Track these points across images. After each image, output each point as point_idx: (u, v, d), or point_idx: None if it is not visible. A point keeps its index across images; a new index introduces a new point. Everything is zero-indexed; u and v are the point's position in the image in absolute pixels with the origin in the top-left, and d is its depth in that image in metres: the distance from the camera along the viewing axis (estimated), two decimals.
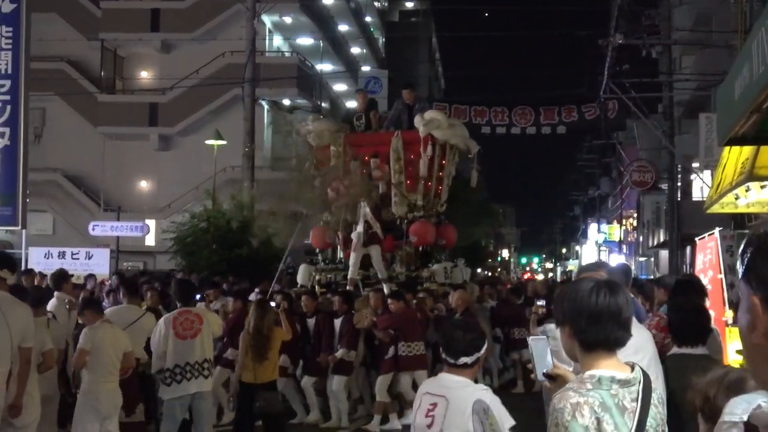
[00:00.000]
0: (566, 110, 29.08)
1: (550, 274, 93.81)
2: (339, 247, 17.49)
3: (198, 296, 13.91)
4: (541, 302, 11.84)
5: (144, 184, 41.54)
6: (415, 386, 12.99)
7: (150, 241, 36.58)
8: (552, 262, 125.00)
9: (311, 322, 13.89)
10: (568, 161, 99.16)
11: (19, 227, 17.88)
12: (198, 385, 9.86)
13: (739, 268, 1.82)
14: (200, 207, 26.90)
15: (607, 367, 3.19)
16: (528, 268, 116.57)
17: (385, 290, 14.71)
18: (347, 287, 15.53)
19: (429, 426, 4.91)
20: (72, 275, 16.85)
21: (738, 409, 1.86)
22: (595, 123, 29.98)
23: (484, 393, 5.03)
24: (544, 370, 3.61)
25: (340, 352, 13.27)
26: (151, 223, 35.08)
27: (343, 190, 16.00)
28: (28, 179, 17.66)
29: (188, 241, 25.44)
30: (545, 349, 3.68)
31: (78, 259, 25.55)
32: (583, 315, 3.24)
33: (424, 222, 16.76)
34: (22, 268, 21.73)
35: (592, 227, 71.42)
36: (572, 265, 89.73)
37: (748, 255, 1.78)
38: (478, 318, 13.69)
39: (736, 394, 2.04)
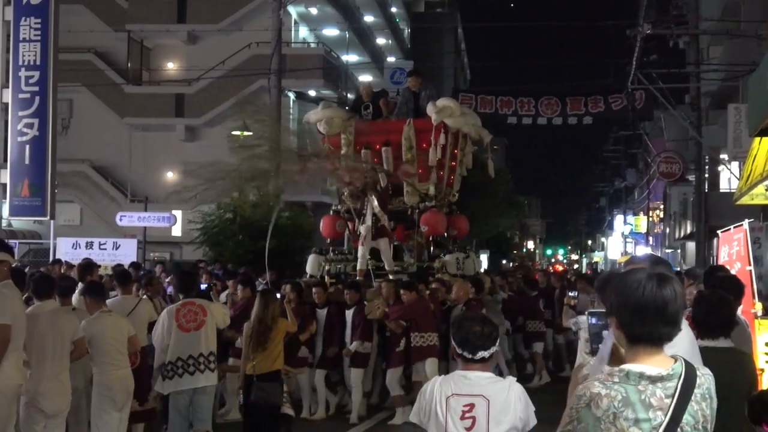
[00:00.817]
0: (593, 100, 28.96)
1: (576, 266, 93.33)
2: (348, 237, 17.26)
3: (205, 286, 13.83)
4: (573, 293, 11.79)
5: (170, 175, 41.71)
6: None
7: (176, 231, 36.71)
8: (578, 254, 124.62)
9: (322, 313, 13.64)
10: (594, 152, 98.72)
11: (48, 218, 18.06)
12: (200, 380, 9.61)
13: None
14: (227, 198, 26.95)
15: (648, 362, 3.13)
16: (553, 260, 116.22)
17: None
18: (357, 278, 15.28)
19: (470, 428, 4.83)
20: (99, 265, 17.01)
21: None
22: (622, 113, 29.84)
23: (517, 384, 5.03)
24: (597, 346, 3.57)
25: (354, 345, 13.16)
26: (178, 213, 35.17)
27: (350, 179, 15.69)
28: (56, 170, 17.81)
29: (215, 231, 25.50)
30: (603, 326, 3.63)
31: (105, 249, 25.68)
32: (629, 308, 3.16)
33: (435, 212, 16.32)
34: (50, 258, 21.95)
35: (618, 219, 71.17)
36: (598, 257, 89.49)
37: None
38: (490, 310, 13.50)
39: None
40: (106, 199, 40.37)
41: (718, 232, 11.99)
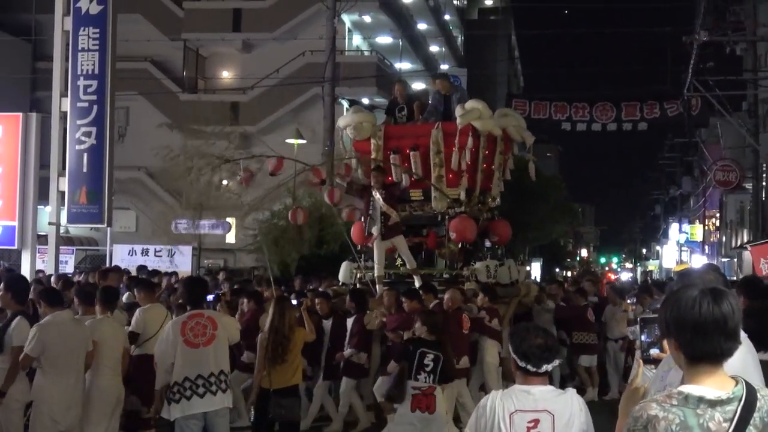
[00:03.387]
0: (648, 106, 28.80)
1: (630, 275, 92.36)
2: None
3: (213, 296, 12.85)
4: (630, 300, 11.45)
5: (225, 183, 42.00)
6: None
7: (231, 238, 36.97)
8: (632, 262, 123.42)
9: (328, 324, 13.02)
10: (649, 159, 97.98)
11: (105, 225, 18.25)
12: (213, 402, 8.45)
13: None
14: (280, 205, 27.12)
15: (709, 383, 3.06)
16: (607, 268, 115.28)
17: (417, 284, 13.89)
18: (375, 285, 14.53)
19: None
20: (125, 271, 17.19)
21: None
22: (677, 120, 29.61)
23: (578, 396, 4.96)
24: (650, 352, 3.52)
25: (347, 351, 12.49)
26: (232, 220, 35.41)
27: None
28: (113, 178, 18.03)
29: (269, 238, 25.65)
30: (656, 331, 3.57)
31: (161, 256, 26.02)
32: (688, 327, 3.07)
33: (464, 218, 15.36)
34: (107, 264, 22.24)
35: (674, 227, 70.38)
36: (652, 265, 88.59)
37: None
38: (537, 320, 12.71)
39: None
40: (161, 205, 40.80)
41: (747, 245, 11.79)
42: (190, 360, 8.40)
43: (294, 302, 11.43)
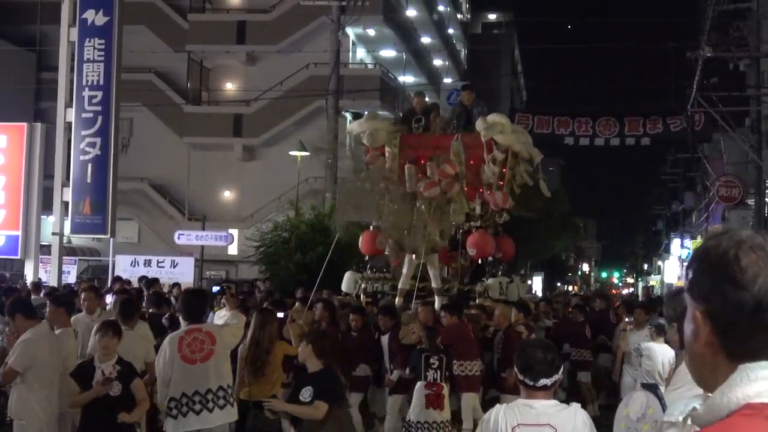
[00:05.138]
0: (651, 121, 28.84)
1: (632, 290, 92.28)
2: (389, 255, 15.74)
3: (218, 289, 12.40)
4: (628, 318, 11.56)
5: (228, 194, 42.05)
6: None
7: (233, 250, 37.00)
8: (633, 277, 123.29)
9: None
10: (651, 175, 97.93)
11: (108, 235, 18.26)
12: (209, 419, 8.20)
13: (684, 282, 1.93)
14: (283, 217, 27.13)
15: None
16: (608, 284, 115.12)
17: (437, 303, 13.50)
18: (396, 298, 14.34)
19: None
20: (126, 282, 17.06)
21: (676, 410, 1.91)
22: (680, 135, 29.64)
23: (582, 410, 4.95)
24: None
25: (394, 374, 11.87)
26: (234, 232, 35.48)
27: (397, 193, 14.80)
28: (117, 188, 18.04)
29: (270, 250, 25.64)
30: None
31: (163, 267, 25.99)
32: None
33: (482, 233, 15.10)
34: (109, 275, 22.25)
35: (675, 242, 70.27)
36: (654, 281, 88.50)
37: (692, 270, 1.87)
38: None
39: None
40: (164, 217, 40.86)
41: None
42: (187, 376, 8.19)
43: (280, 315, 11.19)
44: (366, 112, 18.52)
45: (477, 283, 15.35)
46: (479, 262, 15.81)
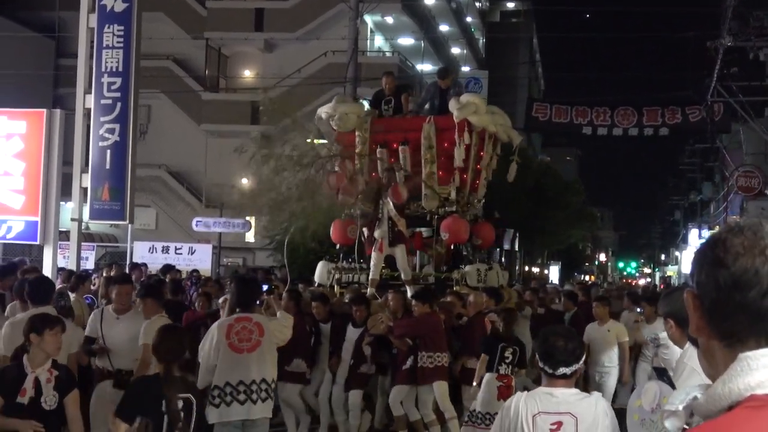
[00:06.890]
0: (670, 112, 28.71)
1: (647, 281, 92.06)
2: (362, 244, 14.77)
3: (266, 287, 12.20)
4: (640, 310, 11.43)
5: (245, 181, 42.15)
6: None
7: (250, 237, 37.10)
8: (650, 267, 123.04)
9: (326, 328, 12.12)
10: (669, 165, 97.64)
11: (127, 222, 18.30)
12: (252, 411, 8.02)
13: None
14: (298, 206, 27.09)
15: None
16: (624, 273, 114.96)
17: (408, 293, 12.68)
18: (368, 289, 13.63)
19: None
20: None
21: (677, 399, 1.91)
22: (699, 125, 29.51)
23: (603, 399, 4.95)
24: None
25: (372, 368, 11.70)
26: (252, 219, 35.58)
27: (361, 183, 14.19)
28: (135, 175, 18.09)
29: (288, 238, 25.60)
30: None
31: (181, 254, 26.13)
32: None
33: (456, 218, 14.51)
34: (127, 261, 22.33)
35: (693, 233, 69.94)
36: (671, 271, 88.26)
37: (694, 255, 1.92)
38: (517, 328, 12.03)
39: None
40: (181, 204, 41.00)
41: None
42: (233, 365, 8.01)
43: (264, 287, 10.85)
44: (336, 96, 17.97)
45: (455, 270, 14.73)
46: (457, 248, 15.12)
